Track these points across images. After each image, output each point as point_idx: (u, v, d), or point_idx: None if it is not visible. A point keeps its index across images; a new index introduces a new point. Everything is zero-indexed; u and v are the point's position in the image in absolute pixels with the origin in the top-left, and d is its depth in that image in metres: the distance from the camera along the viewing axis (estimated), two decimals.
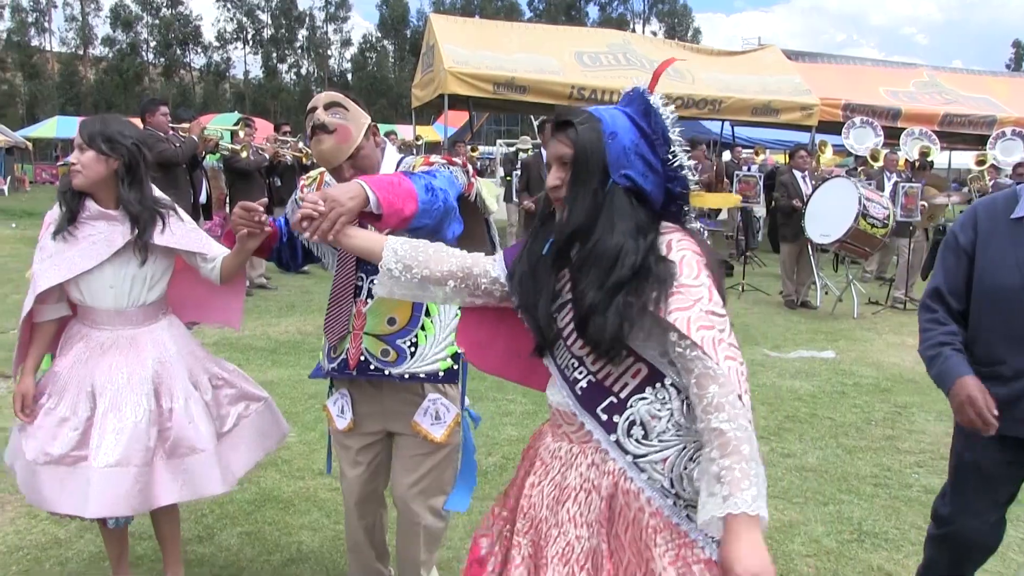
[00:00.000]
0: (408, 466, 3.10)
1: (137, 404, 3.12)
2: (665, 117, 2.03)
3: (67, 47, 79.20)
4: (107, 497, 3.00)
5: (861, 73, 17.71)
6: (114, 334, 3.19)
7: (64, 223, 3.10)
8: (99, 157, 3.07)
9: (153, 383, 3.18)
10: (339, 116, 2.81)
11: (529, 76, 13.72)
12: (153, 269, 3.21)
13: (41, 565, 3.78)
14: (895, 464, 5.32)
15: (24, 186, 35.63)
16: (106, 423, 3.07)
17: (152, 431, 3.11)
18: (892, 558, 4.02)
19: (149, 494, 3.10)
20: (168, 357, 3.25)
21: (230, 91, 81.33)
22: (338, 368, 2.99)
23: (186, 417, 3.19)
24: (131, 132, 3.16)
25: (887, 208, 10.23)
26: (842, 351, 8.53)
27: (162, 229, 3.17)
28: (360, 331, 2.93)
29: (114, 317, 3.19)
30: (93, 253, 3.09)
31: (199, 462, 3.19)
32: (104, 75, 76.34)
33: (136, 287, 3.19)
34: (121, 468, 3.02)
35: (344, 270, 2.95)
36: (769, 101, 14.87)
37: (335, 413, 3.09)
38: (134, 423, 3.08)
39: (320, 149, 2.81)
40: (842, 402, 6.68)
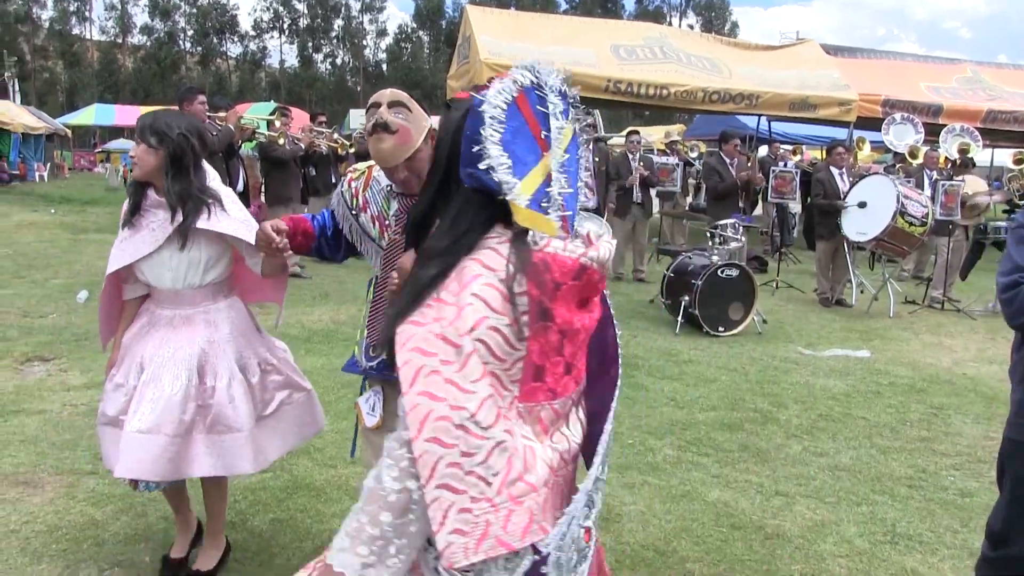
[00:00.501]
0: None
1: (175, 378, 3.31)
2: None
3: (106, 35, 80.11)
4: (133, 460, 3.22)
5: (902, 68, 17.46)
6: (172, 312, 3.43)
7: (129, 214, 3.40)
8: (149, 149, 3.28)
9: (199, 361, 3.37)
10: (402, 116, 2.80)
11: (565, 68, 13.68)
12: (203, 254, 3.39)
13: (79, 545, 3.82)
14: (930, 466, 5.26)
15: (63, 173, 36.04)
16: (145, 392, 3.30)
17: (189, 405, 3.30)
18: (927, 561, 3.98)
19: (180, 464, 3.30)
20: (219, 338, 3.44)
21: (265, 80, 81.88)
22: (377, 368, 2.99)
23: (227, 396, 3.36)
24: (180, 124, 3.32)
25: (926, 206, 10.10)
26: (877, 350, 8.44)
27: (207, 217, 3.32)
28: None
29: (173, 297, 3.43)
30: (151, 239, 3.35)
31: (234, 441, 3.35)
32: (142, 63, 77.15)
33: (191, 270, 3.39)
34: (151, 435, 3.23)
35: (388, 271, 2.95)
36: (807, 96, 14.72)
37: (366, 411, 3.09)
38: (169, 395, 3.28)
39: (380, 148, 2.79)
40: (876, 402, 6.61)
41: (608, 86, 13.67)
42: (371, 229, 3.03)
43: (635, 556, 3.93)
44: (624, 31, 16.14)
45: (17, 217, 17.36)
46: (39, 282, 10.18)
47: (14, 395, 5.80)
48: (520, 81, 1.78)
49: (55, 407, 5.60)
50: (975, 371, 7.76)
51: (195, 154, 3.35)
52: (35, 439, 5.03)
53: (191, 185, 3.32)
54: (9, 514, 4.09)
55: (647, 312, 9.96)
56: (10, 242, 13.59)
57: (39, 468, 4.63)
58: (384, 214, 2.99)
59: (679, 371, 7.23)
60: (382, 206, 3.00)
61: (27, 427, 5.22)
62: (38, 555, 3.72)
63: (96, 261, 11.88)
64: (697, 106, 14.79)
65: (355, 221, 3.07)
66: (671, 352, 7.90)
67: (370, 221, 3.02)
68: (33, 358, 6.75)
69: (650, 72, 13.97)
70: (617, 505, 4.47)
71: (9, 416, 5.38)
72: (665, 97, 13.88)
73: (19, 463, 4.67)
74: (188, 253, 3.36)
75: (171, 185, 3.29)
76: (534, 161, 1.75)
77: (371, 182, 3.04)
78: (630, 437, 5.49)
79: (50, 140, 36.67)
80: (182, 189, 3.30)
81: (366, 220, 3.04)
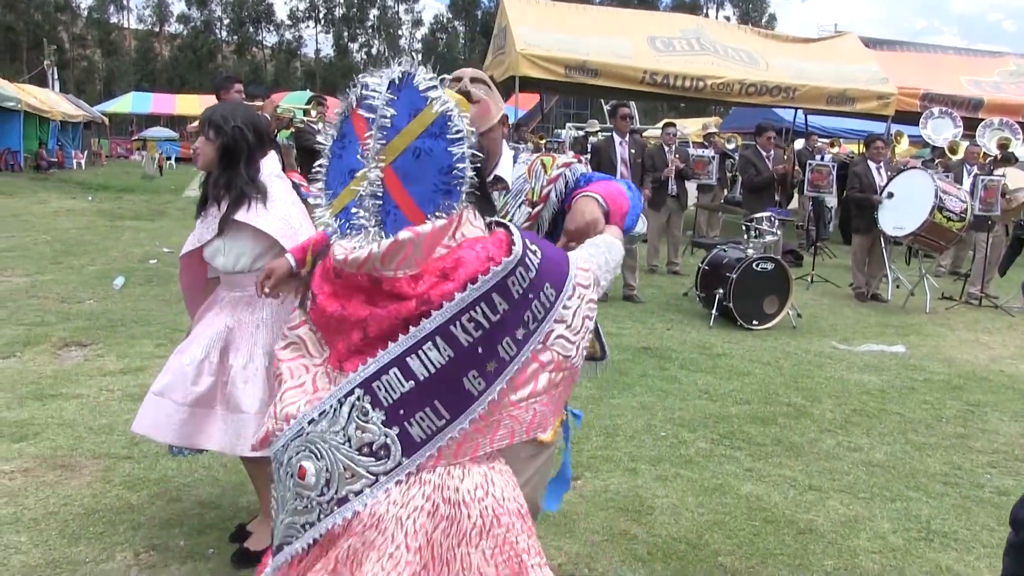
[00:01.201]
0: (518, 469, 3.08)
1: (194, 352, 3.48)
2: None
3: (144, 24, 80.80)
4: (144, 419, 3.45)
5: (942, 61, 17.25)
6: (227, 294, 3.59)
7: (200, 203, 3.59)
8: (207, 142, 3.42)
9: (224, 340, 3.50)
10: (483, 91, 2.78)
11: (601, 60, 13.62)
12: (248, 243, 3.47)
13: (115, 528, 3.87)
14: (966, 463, 5.20)
15: (100, 160, 36.45)
16: (171, 360, 3.54)
17: (203, 379, 3.45)
18: (962, 559, 3.94)
19: (195, 433, 3.46)
20: (252, 320, 3.53)
21: (301, 69, 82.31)
22: None
23: (241, 377, 3.44)
24: (237, 117, 3.44)
25: (964, 201, 9.97)
26: (913, 346, 8.36)
27: (247, 210, 3.40)
28: None
29: (227, 279, 3.58)
30: (211, 227, 3.50)
31: (241, 421, 3.41)
32: (178, 52, 77.83)
33: (240, 257, 3.49)
34: (160, 399, 3.44)
35: None
36: (845, 89, 14.58)
37: None
38: (182, 364, 3.46)
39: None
40: (911, 398, 6.55)
41: (644, 78, 13.61)
42: None
43: (667, 549, 3.92)
44: (661, 22, 16.06)
45: (55, 204, 17.56)
46: (76, 268, 10.30)
47: (52, 380, 5.87)
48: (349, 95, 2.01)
49: (92, 392, 5.66)
50: (1013, 368, 7.67)
51: (249, 147, 3.44)
52: (72, 423, 5.09)
53: (238, 177, 3.41)
54: (48, 496, 4.14)
55: (681, 305, 9.91)
56: (48, 229, 13.76)
57: (76, 452, 4.68)
58: None
59: (712, 364, 7.20)
60: None
61: (65, 411, 5.28)
62: (76, 537, 3.77)
63: (131, 248, 12.01)
64: (733, 98, 14.68)
65: None
66: (705, 345, 7.86)
67: None
68: (71, 343, 6.83)
69: (686, 64, 13.90)
70: (650, 497, 4.46)
71: (47, 400, 5.45)
72: (701, 89, 13.81)
73: (57, 446, 4.73)
74: (235, 241, 3.47)
75: (219, 176, 3.43)
76: (347, 180, 1.99)
77: None
78: (663, 430, 5.47)
79: (87, 128, 37.15)
80: (228, 181, 3.41)
81: None
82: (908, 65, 16.46)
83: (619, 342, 7.65)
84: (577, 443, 5.14)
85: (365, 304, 1.95)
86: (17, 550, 3.64)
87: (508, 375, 1.96)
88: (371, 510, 1.90)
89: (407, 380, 1.89)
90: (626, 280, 10.07)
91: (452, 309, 1.88)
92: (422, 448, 1.91)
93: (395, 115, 1.92)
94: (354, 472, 1.91)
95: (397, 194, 1.92)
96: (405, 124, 1.91)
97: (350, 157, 1.98)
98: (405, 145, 1.91)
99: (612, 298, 9.85)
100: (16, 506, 4.03)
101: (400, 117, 1.92)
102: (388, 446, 1.90)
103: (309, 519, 1.96)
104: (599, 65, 13.58)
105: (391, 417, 1.90)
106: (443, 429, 1.92)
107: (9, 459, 4.56)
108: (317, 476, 1.93)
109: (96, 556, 3.62)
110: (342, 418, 1.92)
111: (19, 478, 4.34)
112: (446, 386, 1.91)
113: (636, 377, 6.60)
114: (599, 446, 5.15)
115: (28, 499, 4.10)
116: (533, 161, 2.95)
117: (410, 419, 1.90)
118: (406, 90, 1.93)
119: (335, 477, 1.92)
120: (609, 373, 6.60)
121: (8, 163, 25.59)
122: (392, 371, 1.89)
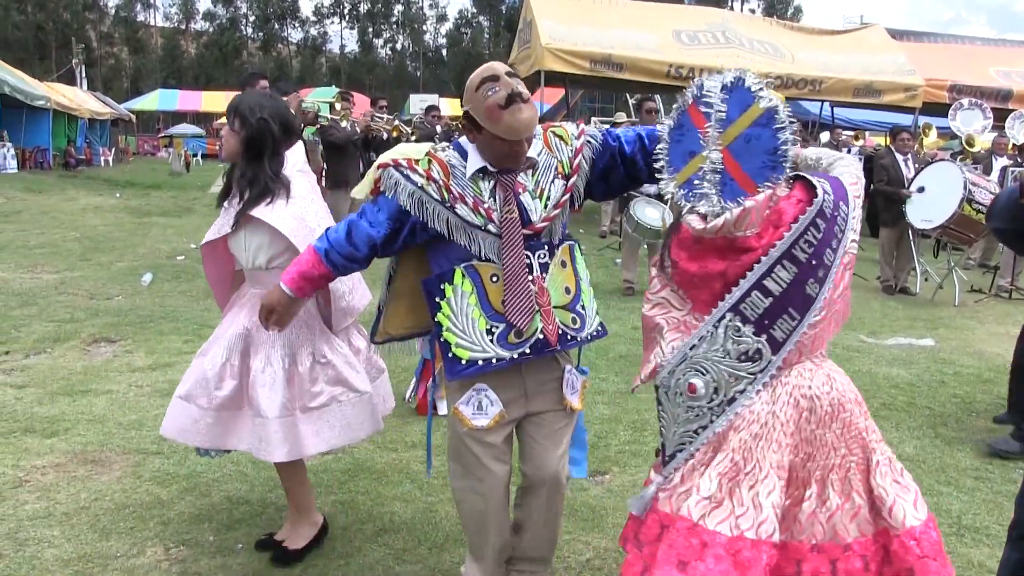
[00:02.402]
0: (556, 440, 3.10)
1: (216, 354, 3.42)
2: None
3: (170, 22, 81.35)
4: (171, 422, 3.43)
5: (970, 52, 17.05)
6: (249, 290, 3.52)
7: (222, 195, 3.52)
8: (232, 132, 3.36)
9: (244, 341, 3.41)
10: (520, 85, 2.80)
11: (626, 53, 13.60)
12: (264, 239, 3.35)
13: (146, 523, 3.90)
14: (997, 458, 5.15)
15: (127, 157, 36.73)
16: (194, 363, 3.50)
17: (226, 382, 3.39)
18: (994, 555, 3.89)
19: (225, 435, 3.43)
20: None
21: (326, 65, 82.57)
22: (533, 350, 2.90)
23: (260, 381, 3.34)
24: (264, 109, 3.34)
25: (994, 193, 9.84)
26: (942, 339, 8.29)
27: (265, 204, 3.30)
28: (549, 306, 2.91)
29: (249, 275, 3.52)
30: (231, 219, 3.41)
31: (263, 425, 3.34)
32: (205, 49, 78.30)
33: (257, 253, 3.40)
34: (185, 402, 3.41)
35: (511, 252, 2.84)
36: (871, 82, 14.48)
37: (469, 413, 2.98)
38: (204, 369, 3.40)
39: (520, 118, 2.73)
40: (941, 391, 6.50)
41: (670, 71, 13.58)
42: (474, 218, 2.85)
43: None
44: (686, 16, 16.01)
45: (84, 201, 17.71)
46: (105, 265, 10.39)
47: (82, 375, 5.93)
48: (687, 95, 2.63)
49: (121, 388, 5.71)
50: None
51: (274, 139, 3.35)
52: (102, 419, 5.14)
53: (262, 170, 3.32)
54: (79, 491, 4.19)
55: None
56: (77, 225, 13.87)
57: (106, 447, 4.73)
58: (480, 199, 2.86)
59: None
60: (475, 191, 2.87)
61: (95, 407, 5.33)
62: (107, 532, 3.80)
63: (159, 244, 12.09)
64: None
65: (452, 214, 2.86)
66: None
67: (472, 210, 2.85)
68: (100, 339, 6.89)
69: (712, 57, 13.84)
70: None
71: (77, 396, 5.50)
72: None
73: (87, 442, 4.78)
74: (253, 236, 3.37)
75: (244, 168, 3.35)
76: (687, 159, 2.61)
77: (450, 170, 2.90)
78: None
79: (115, 125, 37.49)
80: (252, 174, 3.33)
81: (466, 211, 2.85)
82: (935, 56, 16.29)
83: None
84: (605, 438, 5.13)
85: (719, 259, 2.54)
86: (50, 544, 3.68)
87: (831, 277, 2.51)
88: (750, 410, 2.50)
89: (766, 297, 2.48)
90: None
91: (790, 239, 2.46)
92: (784, 345, 2.51)
93: (728, 110, 2.51)
94: (737, 376, 2.52)
95: (733, 170, 2.49)
96: (737, 117, 2.49)
97: (690, 141, 2.59)
98: (738, 133, 2.49)
99: (639, 293, 9.83)
100: (48, 501, 4.07)
101: (733, 111, 2.50)
102: (760, 350, 2.51)
103: (702, 423, 2.57)
104: (624, 59, 13.55)
105: (758, 328, 2.50)
106: (796, 327, 2.50)
107: (41, 454, 4.61)
108: (706, 387, 2.55)
109: (127, 551, 3.65)
110: (719, 338, 2.54)
111: (51, 473, 4.39)
112: (794, 295, 2.48)
113: None
114: (627, 440, 5.14)
115: (60, 494, 4.15)
116: (544, 134, 2.98)
117: (773, 326, 2.50)
118: (737, 91, 2.51)
119: (722, 384, 2.54)
120: (637, 368, 6.55)
121: (38, 161, 25.82)
122: (754, 293, 2.49)
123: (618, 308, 8.96)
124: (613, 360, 6.74)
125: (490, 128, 2.76)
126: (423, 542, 3.83)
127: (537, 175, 2.92)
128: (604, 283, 10.52)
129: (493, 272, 2.88)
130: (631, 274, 10.06)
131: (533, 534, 3.23)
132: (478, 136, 2.84)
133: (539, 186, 2.91)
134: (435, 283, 2.95)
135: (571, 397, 3.11)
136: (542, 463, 3.09)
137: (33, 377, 5.89)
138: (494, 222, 2.84)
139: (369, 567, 3.62)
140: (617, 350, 7.05)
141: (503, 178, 2.87)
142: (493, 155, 2.85)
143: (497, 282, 2.87)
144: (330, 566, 3.61)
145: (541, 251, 2.91)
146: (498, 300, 2.87)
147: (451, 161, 2.91)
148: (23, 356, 6.40)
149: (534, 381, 3.03)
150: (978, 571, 3.77)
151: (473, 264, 2.89)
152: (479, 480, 3.05)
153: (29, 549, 3.63)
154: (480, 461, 3.02)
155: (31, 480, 4.31)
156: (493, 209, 2.85)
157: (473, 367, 2.89)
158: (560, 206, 2.94)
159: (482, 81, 2.76)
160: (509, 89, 2.71)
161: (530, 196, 2.89)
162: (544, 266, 2.92)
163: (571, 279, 3.00)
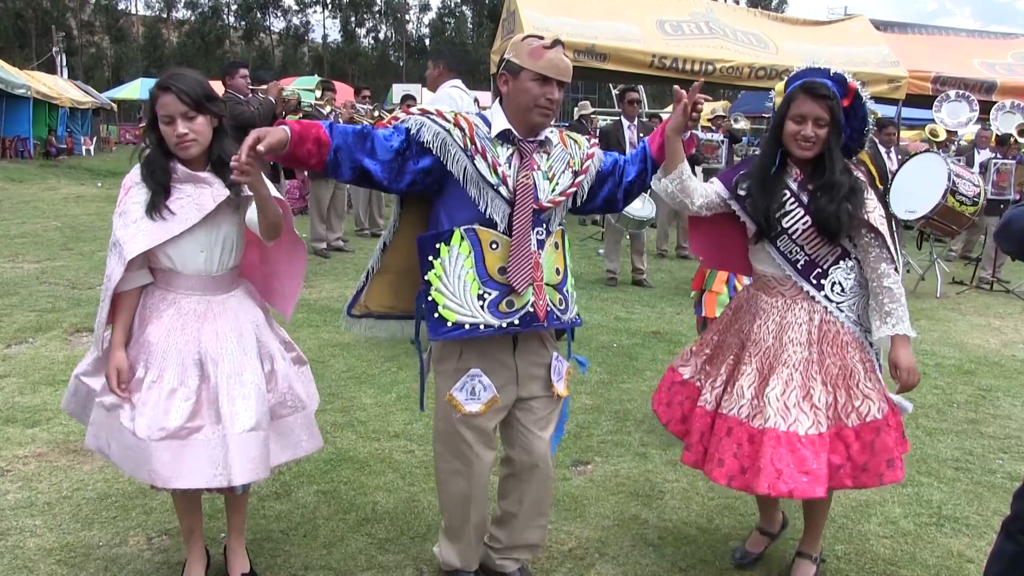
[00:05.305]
0: (543, 425, 3.20)
1: (255, 369, 3.05)
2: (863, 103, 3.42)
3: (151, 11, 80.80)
4: (247, 462, 2.93)
5: (954, 44, 17.03)
6: (205, 300, 3.06)
7: (159, 199, 2.94)
8: (207, 119, 2.94)
9: (259, 347, 3.13)
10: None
11: (610, 44, 13.54)
12: (238, 232, 3.08)
13: (128, 512, 3.89)
14: (978, 448, 5.19)
15: (109, 146, 36.49)
16: (233, 390, 2.97)
17: (269, 395, 3.09)
18: (974, 544, 3.93)
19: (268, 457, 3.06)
20: (260, 320, 3.21)
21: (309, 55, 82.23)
22: (522, 322, 2.94)
23: (286, 377, 3.19)
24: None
25: (978, 185, 9.89)
26: (923, 331, 8.32)
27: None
28: (541, 282, 2.98)
29: (204, 282, 3.05)
30: (183, 217, 2.93)
31: (298, 421, 3.19)
32: (186, 38, 77.86)
33: (225, 251, 3.06)
34: (256, 432, 2.96)
35: (522, 217, 2.91)
36: (855, 73, 14.31)
37: (464, 398, 3.00)
38: (256, 386, 3.02)
39: (562, 58, 2.96)
40: (923, 383, 6.49)
41: (653, 61, 13.52)
42: (490, 175, 2.90)
43: (678, 533, 3.93)
44: (670, 6, 15.94)
45: (65, 190, 17.61)
46: (86, 254, 10.32)
47: (64, 365, 5.89)
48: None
49: None
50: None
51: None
52: None
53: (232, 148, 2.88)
54: (61, 481, 4.17)
55: (690, 289, 9.87)
56: (58, 215, 13.79)
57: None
58: (498, 160, 2.92)
59: None
60: (494, 153, 2.93)
61: None
62: (89, 521, 3.79)
63: None
64: (743, 82, 14.57)
65: (471, 163, 2.90)
66: None
67: (490, 168, 2.91)
68: (82, 329, 6.85)
69: (696, 48, 13.80)
70: (660, 482, 4.47)
71: (59, 386, 5.46)
72: (711, 73, 13.69)
73: (69, 431, 4.75)
74: (223, 229, 3.03)
75: (229, 147, 2.95)
76: None
77: (475, 128, 2.95)
78: None
79: (96, 114, 37.17)
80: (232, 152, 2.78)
81: (484, 166, 2.91)
82: (919, 48, 16.27)
83: (629, 327, 7.65)
84: (587, 428, 5.14)
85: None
86: (32, 533, 3.66)
87: None
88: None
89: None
90: (635, 265, 10.04)
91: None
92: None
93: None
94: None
95: None
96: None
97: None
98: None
99: (621, 283, 9.86)
100: (30, 490, 4.05)
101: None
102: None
103: None
104: (608, 49, 13.50)
105: None
106: None
107: (23, 444, 4.58)
108: None
109: (109, 540, 3.64)
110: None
111: (32, 463, 4.36)
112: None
113: (646, 362, 6.58)
114: (609, 431, 5.15)
115: (41, 484, 4.13)
116: (561, 134, 3.17)
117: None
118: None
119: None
120: (619, 358, 6.60)
121: (18, 150, 25.60)
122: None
123: (600, 298, 8.99)
124: (595, 350, 6.76)
125: (530, 66, 2.89)
126: (406, 531, 3.83)
127: (551, 160, 3.06)
128: (587, 273, 10.54)
129: (493, 239, 2.93)
130: (614, 264, 10.08)
131: (525, 521, 3.28)
132: (512, 83, 2.94)
133: (552, 170, 3.05)
134: (431, 241, 2.97)
135: (557, 383, 3.20)
136: (531, 448, 3.16)
137: (15, 367, 5.85)
138: (507, 186, 2.92)
139: (352, 556, 3.62)
140: (599, 340, 7.07)
141: (523, 145, 2.97)
142: (520, 109, 2.94)
143: (496, 249, 2.92)
144: (313, 555, 3.61)
145: (540, 228, 3.00)
146: (494, 267, 2.92)
147: (475, 122, 2.99)
148: (4, 346, 6.36)
149: (525, 364, 3.10)
150: (957, 560, 3.79)
151: (474, 227, 2.93)
152: (467, 464, 3.11)
153: (11, 539, 3.61)
154: (471, 447, 3.08)
155: (12, 470, 4.29)
156: (508, 175, 2.93)
157: (459, 330, 2.91)
158: (565, 195, 3.07)
159: (528, 35, 2.96)
160: (555, 38, 2.92)
161: (542, 175, 3.01)
162: (540, 243, 3.00)
163: (561, 261, 3.11)
